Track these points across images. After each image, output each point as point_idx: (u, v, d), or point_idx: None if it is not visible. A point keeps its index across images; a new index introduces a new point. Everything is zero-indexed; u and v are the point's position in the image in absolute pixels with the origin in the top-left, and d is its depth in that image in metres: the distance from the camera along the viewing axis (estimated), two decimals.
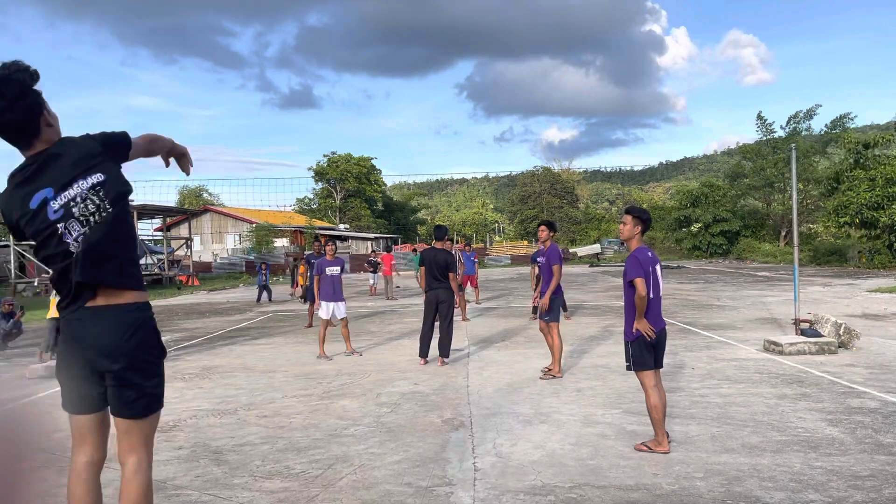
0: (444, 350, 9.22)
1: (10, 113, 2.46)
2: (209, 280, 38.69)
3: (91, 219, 2.59)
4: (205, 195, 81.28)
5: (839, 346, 9.35)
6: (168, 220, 45.77)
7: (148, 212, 36.24)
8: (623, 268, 5.45)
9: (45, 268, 3.97)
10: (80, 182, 2.59)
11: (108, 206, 2.62)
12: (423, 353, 9.37)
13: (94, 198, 2.61)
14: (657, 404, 5.16)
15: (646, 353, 5.22)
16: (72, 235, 2.57)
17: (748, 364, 8.58)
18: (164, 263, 37.04)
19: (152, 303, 3.04)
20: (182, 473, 5.04)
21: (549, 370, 8.16)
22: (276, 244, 51.78)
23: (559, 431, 5.74)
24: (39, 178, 2.55)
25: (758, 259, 41.68)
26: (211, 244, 60.42)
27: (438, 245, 9.42)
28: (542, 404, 6.76)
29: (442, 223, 10.12)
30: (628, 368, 5.33)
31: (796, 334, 9.77)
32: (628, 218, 5.45)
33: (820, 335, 9.48)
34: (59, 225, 2.56)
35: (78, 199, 2.58)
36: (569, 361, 9.09)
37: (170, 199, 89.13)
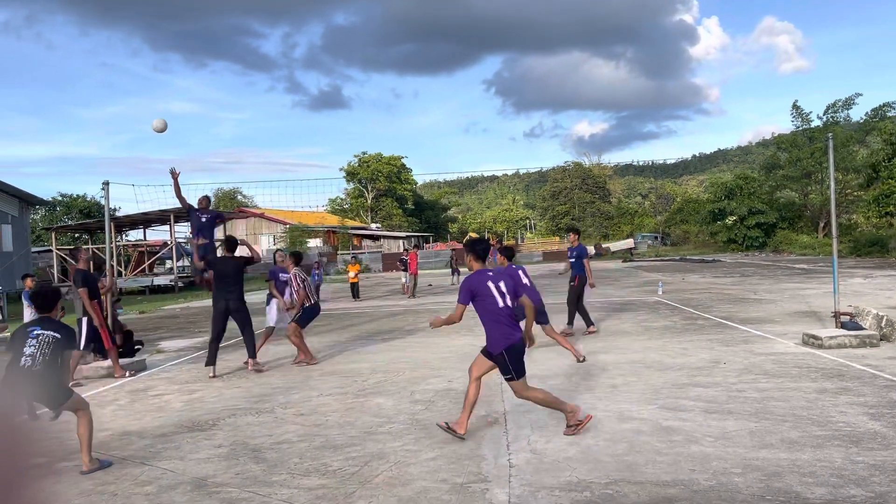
0: (253, 350, 9.52)
1: (44, 302, 5.63)
2: (244, 281, 39.16)
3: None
4: (239, 197, 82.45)
5: (881, 339, 9.14)
6: None
7: (184, 215, 36.84)
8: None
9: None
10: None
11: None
12: (213, 360, 9.17)
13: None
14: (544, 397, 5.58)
15: (522, 361, 5.52)
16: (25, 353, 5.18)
17: (787, 358, 8.43)
18: None
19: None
20: (222, 471, 5.14)
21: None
22: (309, 244, 52.32)
23: (594, 427, 5.72)
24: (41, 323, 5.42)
25: (795, 251, 40.85)
26: None
27: (228, 255, 9.87)
28: (577, 400, 6.72)
29: (232, 235, 10.60)
30: (510, 379, 5.51)
31: (836, 327, 9.57)
32: None
33: (861, 328, 9.28)
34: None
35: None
36: (603, 358, 9.06)
37: None
